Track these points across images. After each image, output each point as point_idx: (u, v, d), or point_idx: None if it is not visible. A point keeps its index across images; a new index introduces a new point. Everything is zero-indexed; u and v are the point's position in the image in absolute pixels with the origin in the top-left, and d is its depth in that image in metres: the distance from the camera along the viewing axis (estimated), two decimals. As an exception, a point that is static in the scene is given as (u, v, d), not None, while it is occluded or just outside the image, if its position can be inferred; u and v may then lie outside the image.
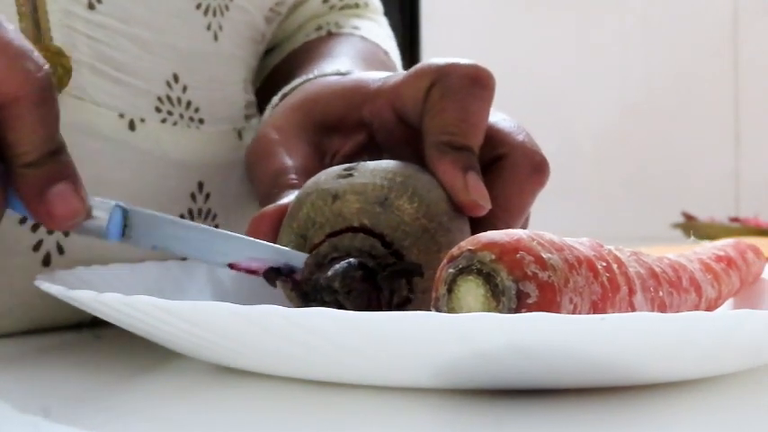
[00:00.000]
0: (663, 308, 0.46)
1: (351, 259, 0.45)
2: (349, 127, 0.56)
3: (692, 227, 1.45)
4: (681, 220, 1.58)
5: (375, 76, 0.57)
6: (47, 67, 0.46)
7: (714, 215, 1.61)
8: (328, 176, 0.49)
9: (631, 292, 0.43)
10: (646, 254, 0.47)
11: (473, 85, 0.52)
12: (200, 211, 0.62)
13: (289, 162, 0.55)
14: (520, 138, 0.54)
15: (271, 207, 0.52)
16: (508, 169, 0.53)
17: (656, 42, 2.04)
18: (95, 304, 0.43)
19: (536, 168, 0.53)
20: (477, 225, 0.51)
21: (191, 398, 0.43)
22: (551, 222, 0.56)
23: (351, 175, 0.49)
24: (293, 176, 0.54)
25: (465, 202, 0.50)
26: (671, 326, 0.38)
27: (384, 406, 0.40)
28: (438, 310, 0.40)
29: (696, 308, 0.49)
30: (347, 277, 0.44)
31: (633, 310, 0.43)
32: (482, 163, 0.52)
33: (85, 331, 0.58)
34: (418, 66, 0.55)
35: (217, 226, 0.63)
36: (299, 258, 0.48)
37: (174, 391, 0.45)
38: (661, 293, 0.46)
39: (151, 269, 0.55)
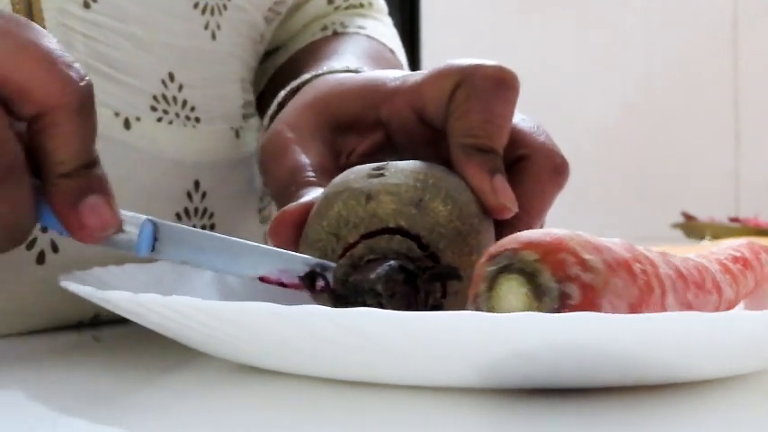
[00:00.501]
0: (689, 309, 0.46)
1: (392, 262, 0.45)
2: (365, 126, 0.56)
3: (692, 227, 1.45)
4: (681, 220, 1.58)
5: (391, 75, 0.57)
6: (88, 78, 0.46)
7: (714, 215, 1.61)
8: (358, 175, 0.49)
9: (664, 294, 0.43)
10: (672, 254, 0.47)
11: (498, 86, 0.52)
12: (196, 210, 0.62)
13: (305, 159, 0.55)
14: (541, 139, 0.54)
15: (293, 205, 0.51)
16: (530, 170, 0.53)
17: (656, 42, 2.04)
18: (130, 305, 0.43)
19: (557, 170, 0.53)
20: (499, 226, 0.51)
21: (194, 399, 0.43)
22: (551, 222, 0.56)
23: (382, 174, 0.48)
24: (311, 173, 0.54)
25: (493, 206, 0.50)
26: (715, 324, 0.38)
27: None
28: (477, 307, 0.40)
29: (717, 309, 0.49)
30: (390, 280, 0.44)
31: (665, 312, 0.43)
32: (504, 163, 0.52)
33: (84, 333, 0.58)
34: (441, 66, 0.54)
35: (213, 225, 0.63)
36: (326, 266, 0.48)
37: (174, 391, 0.45)
38: (688, 296, 0.46)
39: (165, 269, 0.55)
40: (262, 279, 0.48)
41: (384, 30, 0.76)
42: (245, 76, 0.67)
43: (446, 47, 1.98)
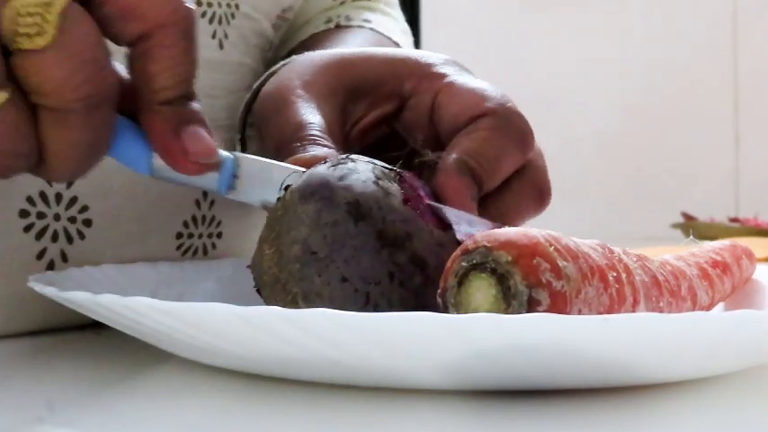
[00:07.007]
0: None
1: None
2: (381, 95, 0.54)
3: (692, 227, 1.45)
4: (681, 220, 1.58)
5: (434, 57, 0.55)
6: (193, 4, 0.44)
7: (714, 215, 1.61)
8: None
9: (635, 302, 0.42)
10: (650, 259, 0.47)
11: (524, 137, 0.51)
12: (203, 218, 0.62)
13: (313, 119, 0.52)
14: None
15: (305, 156, 0.49)
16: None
17: (656, 42, 2.04)
18: (91, 305, 0.42)
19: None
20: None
21: (191, 398, 0.43)
22: (551, 223, 0.55)
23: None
24: (318, 133, 0.51)
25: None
26: (673, 326, 0.37)
27: (385, 407, 0.40)
28: (444, 302, 0.40)
29: (689, 315, 0.49)
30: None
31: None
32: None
33: (86, 331, 0.58)
34: (486, 90, 0.52)
35: (220, 233, 0.63)
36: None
37: (174, 392, 0.45)
38: (661, 304, 0.46)
39: (143, 270, 0.55)
40: None
41: (391, 24, 0.74)
42: (253, 83, 0.67)
43: (446, 48, 1.98)
